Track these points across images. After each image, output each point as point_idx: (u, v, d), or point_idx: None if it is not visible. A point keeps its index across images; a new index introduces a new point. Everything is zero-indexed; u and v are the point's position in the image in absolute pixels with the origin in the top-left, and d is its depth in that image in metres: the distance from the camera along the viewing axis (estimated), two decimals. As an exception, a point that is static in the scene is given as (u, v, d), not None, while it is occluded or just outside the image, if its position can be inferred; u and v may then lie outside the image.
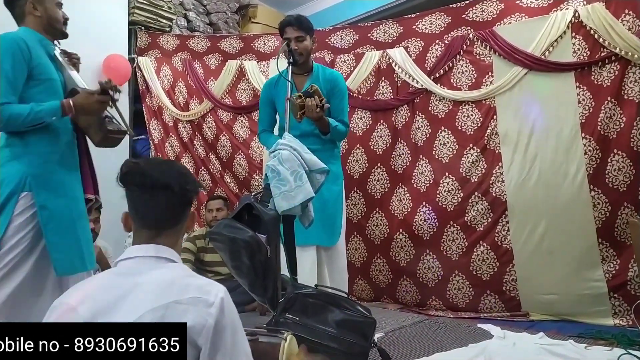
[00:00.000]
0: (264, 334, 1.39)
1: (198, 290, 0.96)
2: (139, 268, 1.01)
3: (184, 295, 0.94)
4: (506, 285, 2.96)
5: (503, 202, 3.00)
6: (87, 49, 3.67)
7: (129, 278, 0.99)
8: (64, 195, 1.82)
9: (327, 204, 2.35)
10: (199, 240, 3.43)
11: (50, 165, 1.80)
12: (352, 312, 1.87)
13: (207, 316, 0.93)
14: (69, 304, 0.97)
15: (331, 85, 2.47)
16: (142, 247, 1.04)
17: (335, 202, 2.43)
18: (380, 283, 3.44)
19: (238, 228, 1.79)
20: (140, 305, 0.93)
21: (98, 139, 1.96)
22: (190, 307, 0.93)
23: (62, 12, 1.96)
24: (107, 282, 1.03)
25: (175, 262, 1.05)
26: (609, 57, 2.76)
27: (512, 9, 3.08)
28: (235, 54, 4.02)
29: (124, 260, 1.04)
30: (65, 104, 1.78)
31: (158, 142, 4.06)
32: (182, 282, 0.98)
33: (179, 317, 0.92)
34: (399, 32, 3.48)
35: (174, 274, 1.00)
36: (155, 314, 0.91)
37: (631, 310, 2.57)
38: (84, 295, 0.99)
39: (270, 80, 2.64)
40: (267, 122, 2.62)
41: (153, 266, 1.01)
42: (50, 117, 1.76)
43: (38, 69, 1.79)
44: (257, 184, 3.73)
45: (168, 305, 0.92)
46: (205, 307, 0.94)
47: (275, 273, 1.84)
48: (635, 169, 2.73)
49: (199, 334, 0.92)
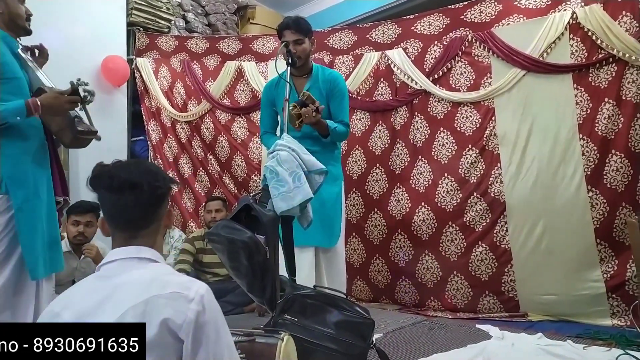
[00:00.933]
0: (261, 334, 1.39)
1: (178, 286, 0.96)
2: (121, 270, 1.01)
3: (164, 291, 0.94)
4: (505, 286, 2.97)
5: (501, 203, 3.01)
6: (86, 50, 3.70)
7: (110, 280, 1.00)
8: (38, 196, 1.79)
9: (326, 205, 2.35)
10: (198, 242, 3.43)
11: (23, 166, 1.76)
12: (351, 313, 1.87)
13: (187, 311, 0.93)
14: (53, 311, 0.99)
15: (331, 86, 2.47)
16: (123, 249, 1.04)
17: (334, 204, 2.43)
18: (378, 284, 3.44)
19: (236, 229, 1.79)
20: (121, 304, 0.93)
21: (68, 140, 1.92)
22: (169, 301, 0.93)
23: (25, 7, 1.89)
24: (89, 286, 1.03)
25: (157, 262, 1.05)
26: (606, 58, 2.77)
27: (510, 10, 3.09)
28: (234, 55, 4.03)
29: (106, 264, 1.04)
30: (31, 103, 1.71)
31: (156, 143, 4.05)
32: (163, 279, 0.98)
33: (158, 311, 0.91)
34: (397, 33, 3.49)
35: (155, 273, 1.01)
36: (136, 311, 0.91)
37: (629, 310, 2.57)
38: (68, 301, 1.00)
39: (271, 82, 2.63)
40: (269, 124, 2.62)
41: (135, 267, 1.02)
42: (15, 117, 1.69)
43: (3, 68, 1.71)
44: (256, 185, 3.73)
45: (148, 300, 0.92)
46: (185, 302, 0.93)
47: (274, 274, 1.84)
48: (632, 169, 2.74)
49: (179, 328, 0.92)
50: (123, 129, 3.94)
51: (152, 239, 1.07)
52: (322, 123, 2.30)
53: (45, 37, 3.40)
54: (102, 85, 3.76)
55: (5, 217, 1.70)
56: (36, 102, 1.72)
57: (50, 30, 3.38)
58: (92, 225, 2.76)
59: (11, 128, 1.71)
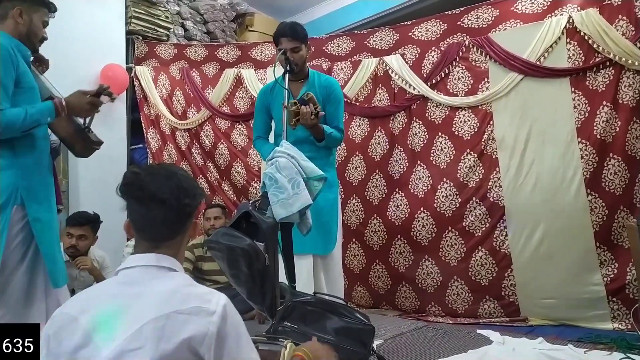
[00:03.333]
0: (264, 341, 1.38)
1: (199, 300, 0.96)
2: (141, 277, 1.01)
3: (185, 305, 0.94)
4: (505, 290, 2.97)
5: (501, 207, 3.01)
6: (85, 59, 3.71)
7: (130, 288, 0.99)
8: (51, 206, 1.80)
9: (322, 212, 2.34)
10: (197, 249, 3.42)
11: (36, 177, 1.77)
12: (351, 320, 1.87)
13: (209, 324, 0.92)
14: (70, 314, 0.97)
15: (327, 92, 2.47)
16: (143, 256, 1.04)
17: (330, 210, 2.43)
18: (379, 289, 3.43)
19: (236, 236, 1.79)
20: (142, 315, 0.93)
21: (80, 148, 1.94)
22: (191, 317, 0.93)
23: (44, 31, 1.92)
24: (108, 291, 1.03)
25: (176, 272, 1.05)
26: (603, 62, 2.78)
27: (507, 16, 3.11)
28: (233, 63, 4.04)
29: (125, 269, 1.04)
30: (58, 103, 1.72)
31: (156, 151, 4.06)
32: (183, 291, 0.98)
33: (179, 328, 0.91)
34: (395, 39, 3.50)
35: (175, 284, 1.00)
36: (157, 324, 0.91)
37: (630, 314, 2.56)
38: (86, 304, 0.99)
39: (266, 87, 2.64)
40: (262, 129, 2.62)
41: (154, 275, 1.01)
42: (46, 118, 1.71)
43: (22, 77, 1.73)
44: (255, 192, 3.73)
45: (169, 315, 0.92)
46: (206, 315, 0.93)
47: (274, 281, 1.84)
48: (630, 172, 2.74)
49: (201, 344, 0.91)
50: (122, 137, 3.95)
51: (175, 250, 1.07)
52: (318, 127, 2.31)
53: (45, 45, 3.44)
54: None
55: (18, 226, 1.70)
56: (62, 101, 1.74)
57: (49, 39, 3.39)
58: (85, 239, 2.72)
59: (26, 138, 1.72)
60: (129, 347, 0.90)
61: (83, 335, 0.94)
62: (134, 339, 0.91)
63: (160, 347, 0.90)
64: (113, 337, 0.92)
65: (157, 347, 0.89)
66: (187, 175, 1.11)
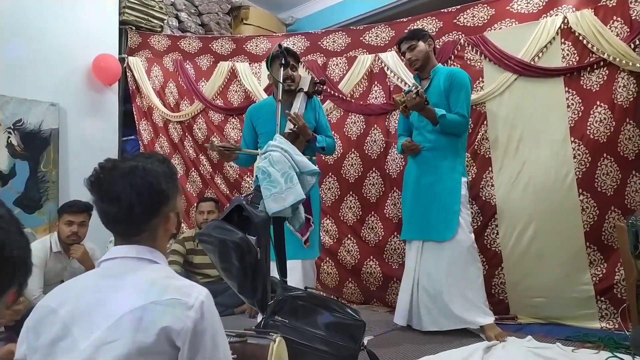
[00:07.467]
0: (253, 335, 1.38)
1: (178, 292, 0.95)
2: (120, 269, 1.00)
3: (162, 297, 0.93)
4: (495, 289, 2.98)
5: (492, 206, 3.02)
6: (77, 48, 3.66)
7: (109, 280, 0.98)
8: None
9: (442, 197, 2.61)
10: (188, 242, 3.40)
11: None
12: (342, 315, 1.87)
13: (186, 319, 0.91)
14: (50, 306, 0.96)
15: (449, 81, 2.62)
16: (123, 247, 1.03)
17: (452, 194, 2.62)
18: (370, 286, 3.44)
19: (228, 229, 1.78)
20: (120, 307, 0.92)
21: None
22: (168, 308, 0.92)
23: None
24: (88, 283, 1.02)
25: (158, 264, 1.04)
26: (597, 62, 2.80)
27: (503, 15, 3.11)
28: (227, 56, 4.01)
29: (106, 261, 1.03)
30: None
31: (148, 143, 4.02)
32: (162, 283, 0.97)
33: (157, 319, 0.90)
34: (391, 35, 3.50)
35: (154, 276, 0.99)
36: (134, 315, 0.90)
37: (618, 313, 2.60)
38: (65, 296, 0.98)
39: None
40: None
41: (134, 267, 1.00)
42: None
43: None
44: (248, 186, 3.72)
45: (146, 306, 0.91)
46: (184, 309, 0.92)
47: (265, 275, 1.83)
48: (621, 173, 2.76)
49: (177, 335, 0.91)
50: (114, 128, 3.90)
51: (151, 241, 1.05)
52: (429, 110, 2.50)
53: (37, 34, 3.39)
54: (93, 84, 3.73)
55: None
56: None
57: (41, 28, 3.35)
58: (85, 225, 2.73)
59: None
60: (107, 339, 0.89)
61: (62, 328, 0.93)
62: (112, 330, 0.90)
63: (137, 338, 0.89)
64: (91, 329, 0.91)
65: (134, 338, 0.89)
66: (153, 170, 1.03)
